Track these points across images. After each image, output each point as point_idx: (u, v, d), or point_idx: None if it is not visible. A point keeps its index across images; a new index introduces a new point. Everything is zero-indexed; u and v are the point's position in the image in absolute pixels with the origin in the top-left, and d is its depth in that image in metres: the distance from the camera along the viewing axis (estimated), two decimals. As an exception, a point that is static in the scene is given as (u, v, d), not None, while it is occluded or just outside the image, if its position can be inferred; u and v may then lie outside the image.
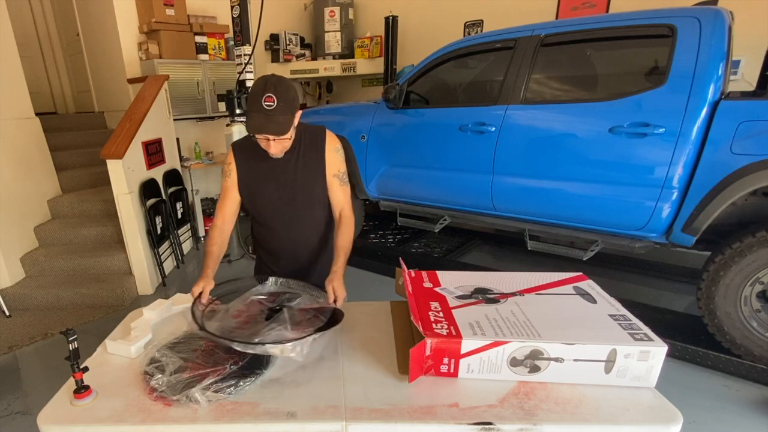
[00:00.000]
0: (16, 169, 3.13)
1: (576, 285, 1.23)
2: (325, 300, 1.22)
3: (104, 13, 4.04)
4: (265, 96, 1.18)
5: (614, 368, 0.95)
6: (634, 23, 2.27)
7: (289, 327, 1.04)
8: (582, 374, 0.96)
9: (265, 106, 1.18)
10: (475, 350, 0.96)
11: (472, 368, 0.98)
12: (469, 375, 0.98)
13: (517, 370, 0.97)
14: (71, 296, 3.00)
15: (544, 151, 2.52)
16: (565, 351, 0.94)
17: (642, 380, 0.96)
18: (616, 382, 0.96)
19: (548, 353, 0.95)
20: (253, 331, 1.03)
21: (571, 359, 0.95)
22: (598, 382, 0.97)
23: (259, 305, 1.22)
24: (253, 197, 1.44)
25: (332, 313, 1.14)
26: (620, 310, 1.09)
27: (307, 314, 1.13)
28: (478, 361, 0.97)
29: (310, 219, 1.48)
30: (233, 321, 1.13)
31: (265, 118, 1.20)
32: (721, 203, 2.02)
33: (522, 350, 0.95)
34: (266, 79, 1.22)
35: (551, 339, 0.95)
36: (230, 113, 3.51)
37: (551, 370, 0.96)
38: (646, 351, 0.93)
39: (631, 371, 0.95)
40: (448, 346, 0.96)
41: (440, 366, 0.98)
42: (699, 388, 2.07)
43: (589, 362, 0.95)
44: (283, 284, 1.32)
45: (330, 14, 4.89)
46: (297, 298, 1.22)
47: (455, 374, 0.99)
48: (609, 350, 0.94)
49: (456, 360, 0.97)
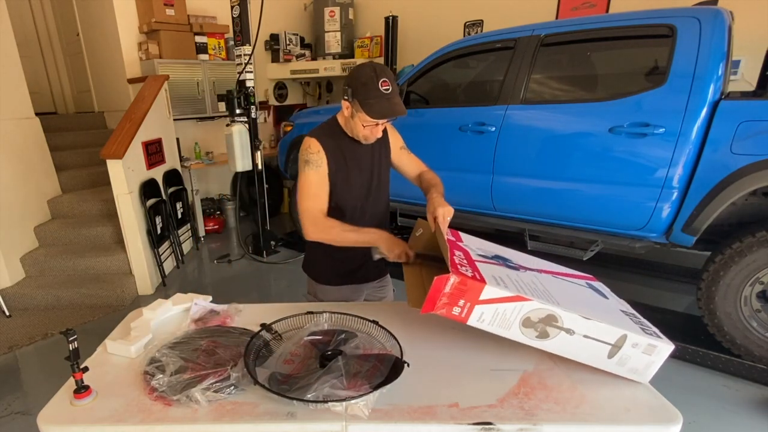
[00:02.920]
0: (16, 169, 3.13)
1: (588, 282, 1.25)
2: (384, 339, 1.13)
3: (104, 13, 4.04)
4: (381, 80, 1.23)
5: (618, 354, 0.95)
6: (634, 23, 2.27)
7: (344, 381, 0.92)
8: (585, 352, 0.96)
9: (383, 90, 1.23)
10: (495, 299, 0.93)
11: (484, 318, 0.95)
12: (478, 324, 0.96)
13: (527, 332, 0.96)
14: (71, 296, 3.00)
15: (544, 151, 2.52)
16: (580, 324, 0.94)
17: (638, 374, 0.97)
18: (614, 369, 0.97)
19: (563, 322, 0.94)
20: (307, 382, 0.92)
21: (582, 334, 0.94)
22: (598, 364, 0.97)
23: (312, 348, 1.10)
24: (339, 186, 1.41)
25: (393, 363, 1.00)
26: (630, 309, 1.11)
27: (366, 363, 1.00)
28: (493, 312, 0.94)
29: (384, 203, 1.55)
30: (286, 368, 1.02)
31: (388, 101, 1.25)
32: (721, 203, 2.02)
33: (539, 312, 0.94)
34: (372, 66, 1.27)
35: (570, 309, 0.94)
36: (230, 113, 3.52)
37: (558, 340, 0.96)
38: (654, 345, 0.94)
39: (632, 362, 0.96)
40: (470, 288, 0.93)
41: (454, 307, 0.95)
42: (699, 388, 2.07)
43: (596, 342, 0.95)
44: (337, 320, 1.21)
45: (330, 14, 4.89)
46: (353, 339, 1.10)
47: (465, 319, 0.96)
48: (620, 335, 0.94)
49: (472, 305, 0.94)
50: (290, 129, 3.97)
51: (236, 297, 1.50)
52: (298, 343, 1.10)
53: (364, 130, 1.33)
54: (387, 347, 1.07)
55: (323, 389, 0.89)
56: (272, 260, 3.86)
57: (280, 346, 1.10)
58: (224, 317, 1.29)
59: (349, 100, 1.30)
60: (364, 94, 1.25)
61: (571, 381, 0.99)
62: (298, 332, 1.15)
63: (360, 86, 1.26)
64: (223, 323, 1.26)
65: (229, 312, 1.33)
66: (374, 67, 1.27)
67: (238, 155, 3.50)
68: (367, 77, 1.25)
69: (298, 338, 1.12)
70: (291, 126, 3.98)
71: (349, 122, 1.36)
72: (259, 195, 3.79)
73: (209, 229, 4.52)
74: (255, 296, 3.27)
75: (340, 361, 0.97)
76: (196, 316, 1.29)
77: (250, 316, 1.33)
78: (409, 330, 1.19)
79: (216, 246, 4.27)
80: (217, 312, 1.32)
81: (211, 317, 1.29)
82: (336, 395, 0.88)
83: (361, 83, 1.25)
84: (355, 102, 1.28)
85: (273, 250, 3.97)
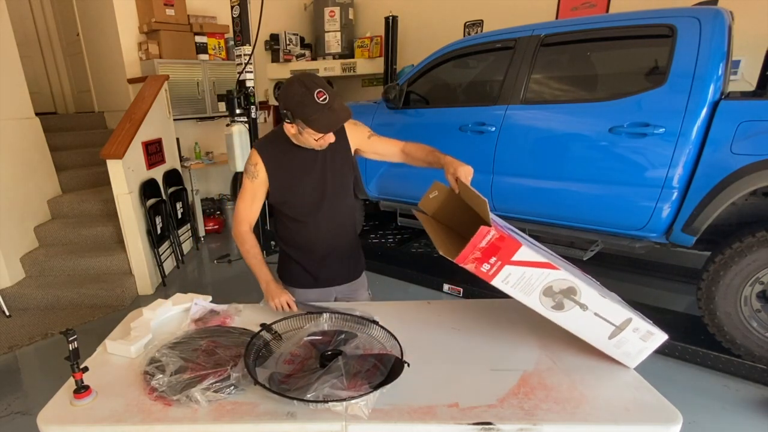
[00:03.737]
0: (16, 169, 3.13)
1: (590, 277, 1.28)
2: (384, 339, 1.13)
3: (104, 14, 4.04)
4: (316, 92, 1.18)
5: (618, 336, 1.02)
6: (634, 23, 2.27)
7: (344, 381, 0.92)
8: (590, 330, 1.03)
9: (321, 102, 1.19)
10: (525, 262, 0.97)
11: (510, 279, 0.99)
12: (503, 285, 1.00)
13: (545, 300, 1.01)
14: (71, 296, 3.00)
15: (544, 151, 2.52)
16: (595, 301, 1.00)
17: (630, 358, 1.04)
18: (609, 350, 1.05)
19: (580, 296, 1.00)
20: (307, 382, 0.92)
21: (593, 311, 1.01)
22: (596, 343, 1.05)
23: (311, 348, 1.10)
24: (287, 195, 1.42)
25: (393, 363, 1.00)
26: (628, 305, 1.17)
27: (366, 363, 1.00)
28: (520, 274, 0.98)
29: (344, 206, 1.49)
30: (286, 368, 1.03)
31: (330, 112, 1.20)
32: (721, 203, 2.02)
33: (562, 283, 0.99)
34: (301, 81, 1.21)
35: (589, 286, 1.00)
36: (230, 113, 3.52)
37: (571, 314, 1.02)
38: (651, 332, 1.02)
39: (628, 346, 1.03)
40: (506, 245, 0.95)
41: (484, 263, 0.98)
42: (699, 388, 2.07)
43: (603, 321, 1.01)
44: (337, 320, 1.21)
45: (330, 14, 4.90)
46: (353, 339, 1.10)
47: (491, 278, 0.99)
48: (625, 318, 1.01)
49: (502, 264, 0.97)
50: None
51: (236, 297, 1.50)
52: (298, 344, 1.11)
53: (317, 142, 1.29)
54: (387, 347, 1.07)
55: (323, 389, 0.89)
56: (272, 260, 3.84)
57: (280, 347, 1.10)
58: (224, 317, 1.29)
59: (292, 122, 1.26)
60: (303, 113, 1.20)
61: (571, 381, 0.99)
62: (298, 332, 1.16)
63: (296, 105, 1.21)
64: (223, 323, 1.26)
65: (229, 312, 1.33)
66: (303, 81, 1.21)
67: (238, 155, 3.50)
68: (300, 94, 1.19)
69: (298, 338, 1.12)
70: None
71: (299, 138, 1.31)
72: (259, 195, 3.78)
73: (209, 229, 4.52)
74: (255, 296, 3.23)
75: (340, 361, 0.97)
76: (196, 316, 1.29)
77: (250, 316, 1.33)
78: (409, 330, 1.19)
79: (216, 246, 4.27)
80: (217, 312, 1.33)
81: (211, 317, 1.30)
82: (336, 395, 0.88)
83: (296, 102, 1.20)
84: (298, 121, 1.24)
85: (273, 250, 3.97)
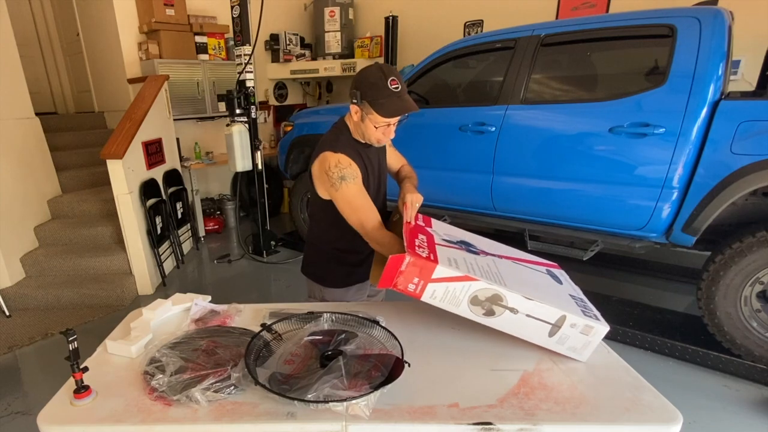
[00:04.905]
0: (16, 169, 3.13)
1: (549, 269, 1.32)
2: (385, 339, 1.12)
3: (104, 14, 4.04)
4: (390, 79, 1.23)
5: (557, 334, 1.04)
6: (634, 23, 2.27)
7: (345, 381, 0.92)
8: (528, 330, 1.05)
9: (393, 89, 1.24)
10: (445, 278, 1.02)
11: (436, 295, 1.04)
12: (431, 300, 1.05)
13: (475, 309, 1.05)
14: (71, 296, 3.00)
15: (544, 152, 2.52)
16: (522, 304, 1.03)
17: (577, 352, 1.06)
18: (553, 347, 1.06)
19: (507, 301, 1.03)
20: (307, 382, 0.92)
21: (524, 314, 1.03)
22: (539, 342, 1.07)
23: (312, 348, 1.10)
24: None
25: (393, 363, 1.00)
26: (580, 294, 1.19)
27: (366, 363, 1.00)
28: (444, 290, 1.03)
29: (383, 201, 1.54)
30: (286, 368, 1.03)
31: (399, 99, 1.25)
32: (721, 203, 2.02)
33: (485, 292, 1.03)
34: (379, 66, 1.27)
35: (514, 290, 1.03)
36: (230, 113, 3.52)
37: (503, 319, 1.05)
38: (590, 326, 1.03)
39: (571, 341, 1.05)
40: (423, 267, 1.02)
41: (408, 284, 1.04)
42: (699, 388, 2.07)
43: (538, 321, 1.04)
44: (338, 320, 1.20)
45: (330, 14, 4.89)
46: (353, 339, 1.09)
47: (419, 295, 1.05)
48: (559, 315, 1.03)
49: (425, 282, 1.03)
50: (290, 129, 3.97)
51: (236, 297, 1.50)
52: (298, 344, 1.10)
53: (376, 132, 1.32)
54: (387, 347, 1.07)
55: (324, 389, 0.89)
56: (272, 260, 3.86)
57: (280, 347, 1.10)
58: (224, 317, 1.29)
59: (358, 104, 1.28)
60: (373, 95, 1.24)
61: (571, 381, 0.99)
62: (298, 332, 1.15)
63: (369, 87, 1.25)
64: (223, 323, 1.26)
65: (229, 312, 1.33)
66: (381, 67, 1.26)
67: (238, 155, 3.50)
68: (375, 77, 1.24)
69: (298, 338, 1.12)
70: (291, 126, 3.98)
71: (359, 127, 1.33)
72: (259, 195, 3.79)
73: (209, 229, 4.52)
74: (255, 296, 3.27)
75: (341, 361, 0.97)
76: (196, 316, 1.29)
77: (250, 316, 1.33)
78: (410, 330, 1.19)
79: (216, 246, 4.27)
80: (217, 312, 1.32)
81: (211, 317, 1.29)
82: (337, 395, 0.88)
83: (369, 84, 1.24)
84: (365, 104, 1.27)
85: (273, 250, 3.97)
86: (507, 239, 1.47)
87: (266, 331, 1.14)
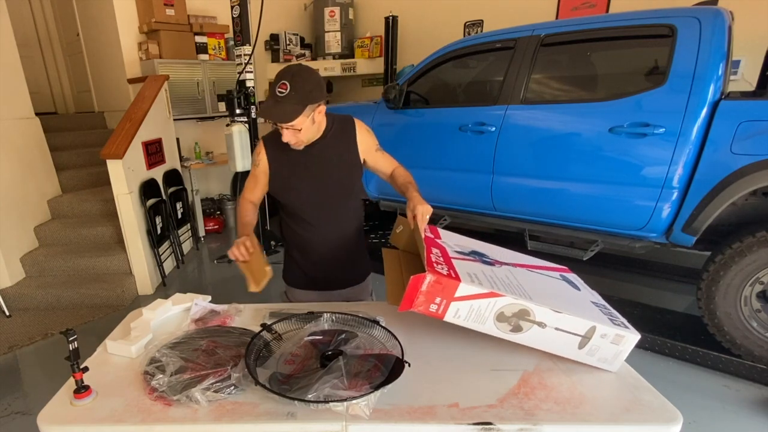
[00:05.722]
0: (16, 169, 3.13)
1: (563, 274, 1.28)
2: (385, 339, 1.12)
3: (104, 13, 4.04)
4: (280, 82, 1.20)
5: (588, 345, 1.00)
6: (634, 23, 2.27)
7: (345, 381, 0.92)
8: (557, 344, 1.01)
9: (278, 92, 1.20)
10: (469, 296, 0.96)
11: (460, 314, 0.98)
12: (454, 319, 0.99)
13: (501, 326, 0.99)
14: (71, 296, 3.00)
15: (544, 151, 2.52)
16: (551, 318, 0.98)
17: (607, 363, 1.01)
18: (584, 359, 1.02)
19: (535, 316, 0.98)
20: (307, 382, 0.92)
21: (553, 327, 0.99)
22: (569, 355, 1.02)
23: (312, 348, 1.09)
24: (285, 189, 1.42)
25: (393, 363, 1.00)
26: (601, 300, 1.15)
27: (367, 363, 1.00)
28: (468, 308, 0.98)
29: (345, 209, 1.46)
30: (287, 368, 1.02)
31: (273, 103, 1.22)
32: (721, 203, 2.02)
33: (512, 307, 0.97)
34: (290, 66, 1.24)
35: (541, 303, 0.98)
36: (230, 113, 3.52)
37: (531, 334, 0.99)
38: (621, 335, 0.99)
39: (601, 352, 1.00)
40: (445, 286, 0.96)
41: (430, 305, 0.98)
42: (699, 388, 2.07)
43: (567, 334, 0.99)
44: (338, 320, 1.20)
45: (330, 14, 4.90)
46: (354, 339, 1.09)
47: (442, 316, 0.99)
48: (589, 327, 0.98)
49: (447, 302, 0.97)
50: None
51: (236, 297, 1.50)
52: (298, 344, 1.10)
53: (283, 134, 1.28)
54: (388, 347, 1.07)
55: (324, 389, 0.89)
56: (272, 260, 3.86)
57: (280, 347, 1.10)
58: (224, 317, 1.29)
59: None
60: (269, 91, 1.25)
61: (571, 381, 0.99)
62: (298, 332, 1.15)
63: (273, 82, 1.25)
64: (223, 323, 1.26)
65: (229, 312, 1.33)
66: (290, 68, 1.23)
67: (238, 155, 3.50)
68: (278, 75, 1.23)
69: (298, 338, 1.12)
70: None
71: None
72: (259, 195, 3.79)
73: (209, 229, 4.52)
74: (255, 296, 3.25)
75: (341, 361, 0.97)
76: (196, 316, 1.29)
77: (250, 316, 1.33)
78: (410, 330, 1.19)
79: (216, 246, 4.27)
80: (217, 312, 1.32)
81: (211, 317, 1.29)
82: (337, 395, 0.88)
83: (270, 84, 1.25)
84: None
85: (273, 250, 3.97)
86: (507, 239, 1.48)
87: (266, 331, 1.14)
